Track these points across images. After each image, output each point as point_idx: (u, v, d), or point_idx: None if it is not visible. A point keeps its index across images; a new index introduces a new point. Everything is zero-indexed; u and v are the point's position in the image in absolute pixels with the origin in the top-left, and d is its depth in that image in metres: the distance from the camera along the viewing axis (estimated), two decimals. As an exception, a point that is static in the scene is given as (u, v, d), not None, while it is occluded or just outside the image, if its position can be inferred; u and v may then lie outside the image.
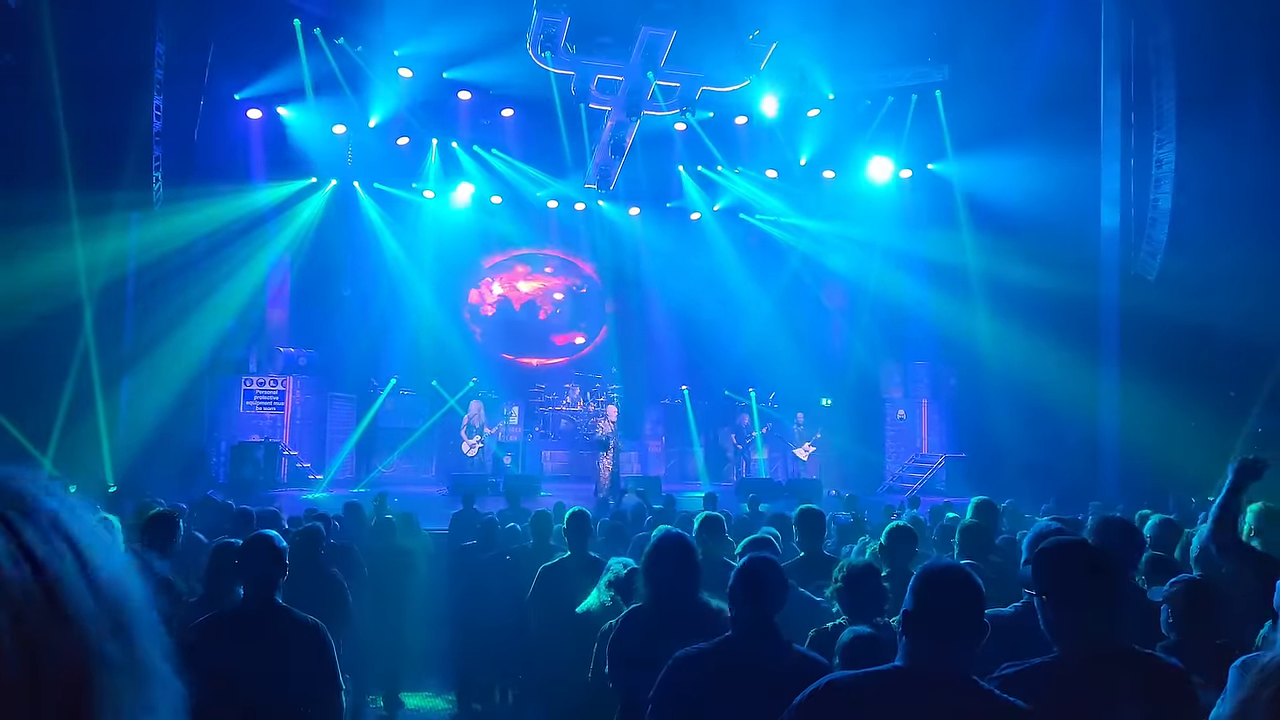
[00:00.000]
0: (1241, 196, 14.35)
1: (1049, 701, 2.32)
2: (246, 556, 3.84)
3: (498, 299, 22.85)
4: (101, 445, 13.39)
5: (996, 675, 2.40)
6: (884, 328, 20.59)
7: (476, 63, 17.92)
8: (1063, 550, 2.62)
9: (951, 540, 5.55)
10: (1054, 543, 2.69)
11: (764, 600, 3.06)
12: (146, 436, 13.79)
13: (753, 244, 22.10)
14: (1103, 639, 2.48)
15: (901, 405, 20.32)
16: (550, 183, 20.78)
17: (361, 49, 17.61)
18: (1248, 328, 13.45)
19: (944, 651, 2.23)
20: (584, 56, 17.64)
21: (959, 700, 2.20)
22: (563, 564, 5.73)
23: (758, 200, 21.58)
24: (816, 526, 5.57)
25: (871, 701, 2.24)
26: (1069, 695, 2.38)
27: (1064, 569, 2.52)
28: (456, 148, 19.98)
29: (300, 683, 3.60)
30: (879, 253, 20.19)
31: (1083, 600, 2.47)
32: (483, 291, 22.78)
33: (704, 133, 19.70)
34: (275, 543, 3.83)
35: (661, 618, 3.58)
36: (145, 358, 14.38)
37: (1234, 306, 13.35)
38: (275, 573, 3.78)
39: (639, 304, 22.49)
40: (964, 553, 5.01)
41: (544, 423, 20.88)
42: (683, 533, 4.06)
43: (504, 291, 22.88)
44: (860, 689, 2.27)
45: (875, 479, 19.60)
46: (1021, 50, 16.17)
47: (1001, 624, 3.21)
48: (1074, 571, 2.52)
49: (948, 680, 2.21)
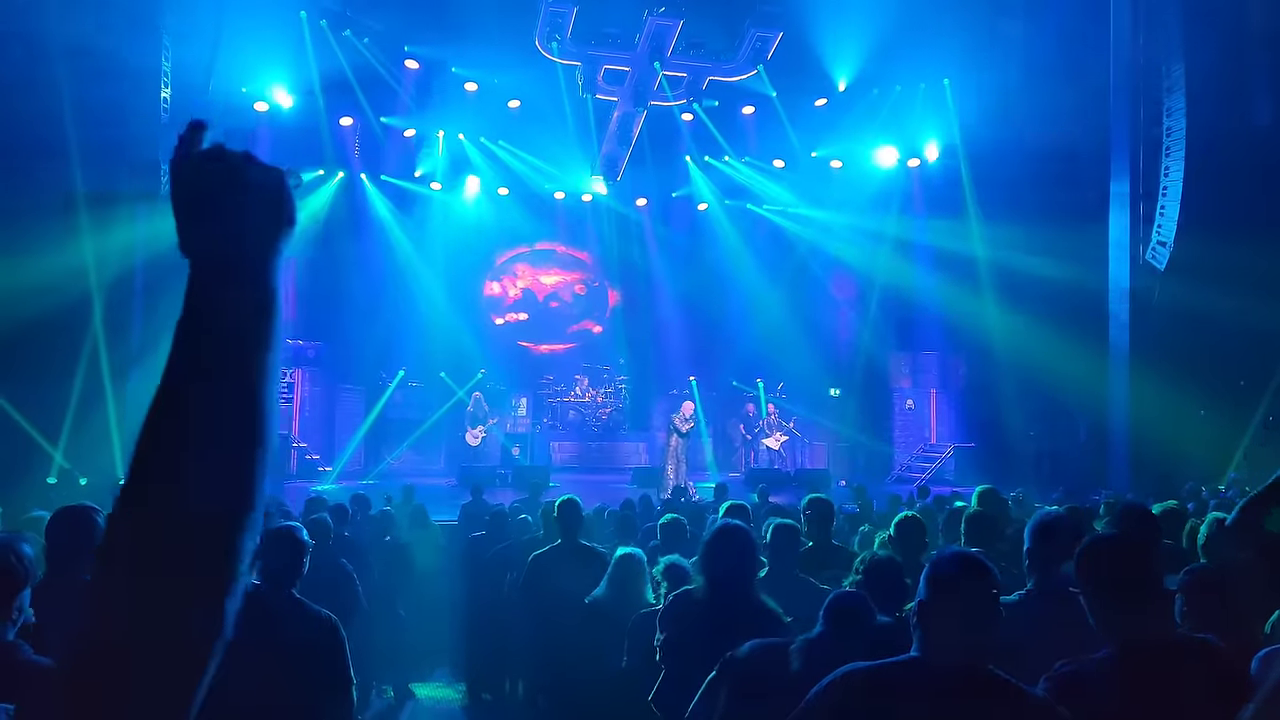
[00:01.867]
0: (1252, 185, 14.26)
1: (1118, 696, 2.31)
2: (267, 548, 3.82)
3: (522, 291, 22.90)
4: (112, 438, 13.43)
5: (1054, 673, 2.38)
6: (892, 318, 20.56)
7: (483, 54, 17.89)
8: (1104, 546, 2.60)
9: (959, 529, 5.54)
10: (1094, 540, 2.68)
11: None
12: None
13: (760, 234, 22.03)
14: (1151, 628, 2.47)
15: (910, 395, 20.28)
16: (557, 174, 20.76)
17: (368, 41, 17.59)
18: (1257, 317, 13.38)
19: (961, 643, 2.21)
20: (590, 47, 17.60)
21: (982, 693, 2.18)
22: (553, 551, 5.74)
23: (765, 190, 21.51)
24: (825, 516, 5.56)
25: (892, 692, 2.22)
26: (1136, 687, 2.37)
27: (1106, 565, 2.51)
28: (463, 140, 19.97)
29: (312, 676, 3.59)
30: (887, 242, 20.12)
31: (1126, 594, 2.46)
32: (504, 284, 22.80)
33: (711, 123, 19.64)
34: (298, 535, 3.82)
35: (717, 606, 3.57)
36: (154, 350, 14.40)
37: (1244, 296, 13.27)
38: (295, 566, 3.77)
39: (646, 295, 22.46)
40: (970, 541, 5.00)
41: (552, 414, 20.90)
42: (743, 525, 4.04)
43: (528, 284, 22.92)
44: (879, 679, 2.25)
45: (884, 469, 19.58)
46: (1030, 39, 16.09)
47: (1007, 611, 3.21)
48: (1118, 566, 2.51)
49: (969, 672, 2.19)
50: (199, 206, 0.93)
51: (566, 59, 17.57)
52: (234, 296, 0.90)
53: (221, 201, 0.92)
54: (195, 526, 0.83)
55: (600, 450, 20.25)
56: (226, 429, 0.86)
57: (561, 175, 20.81)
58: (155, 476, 0.84)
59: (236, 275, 0.91)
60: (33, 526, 4.41)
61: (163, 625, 0.81)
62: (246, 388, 0.88)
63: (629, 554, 4.77)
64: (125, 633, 0.80)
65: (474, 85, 18.98)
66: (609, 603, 4.63)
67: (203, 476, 0.84)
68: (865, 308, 20.91)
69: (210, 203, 0.93)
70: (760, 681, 2.99)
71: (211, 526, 0.84)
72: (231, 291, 0.91)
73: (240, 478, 0.86)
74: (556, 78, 18.31)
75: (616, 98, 18.67)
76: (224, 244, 0.91)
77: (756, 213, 21.94)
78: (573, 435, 20.50)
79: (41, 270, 12.01)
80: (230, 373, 0.88)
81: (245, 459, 0.86)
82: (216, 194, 0.93)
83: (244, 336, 0.89)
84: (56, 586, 3.21)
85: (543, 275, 23.13)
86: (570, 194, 21.76)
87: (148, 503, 0.84)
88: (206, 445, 0.85)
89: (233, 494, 0.85)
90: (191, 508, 0.83)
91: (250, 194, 0.93)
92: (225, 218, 0.92)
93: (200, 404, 0.86)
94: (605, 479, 17.12)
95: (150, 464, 0.84)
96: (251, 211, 0.93)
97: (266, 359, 0.89)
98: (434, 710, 7.91)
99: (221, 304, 0.90)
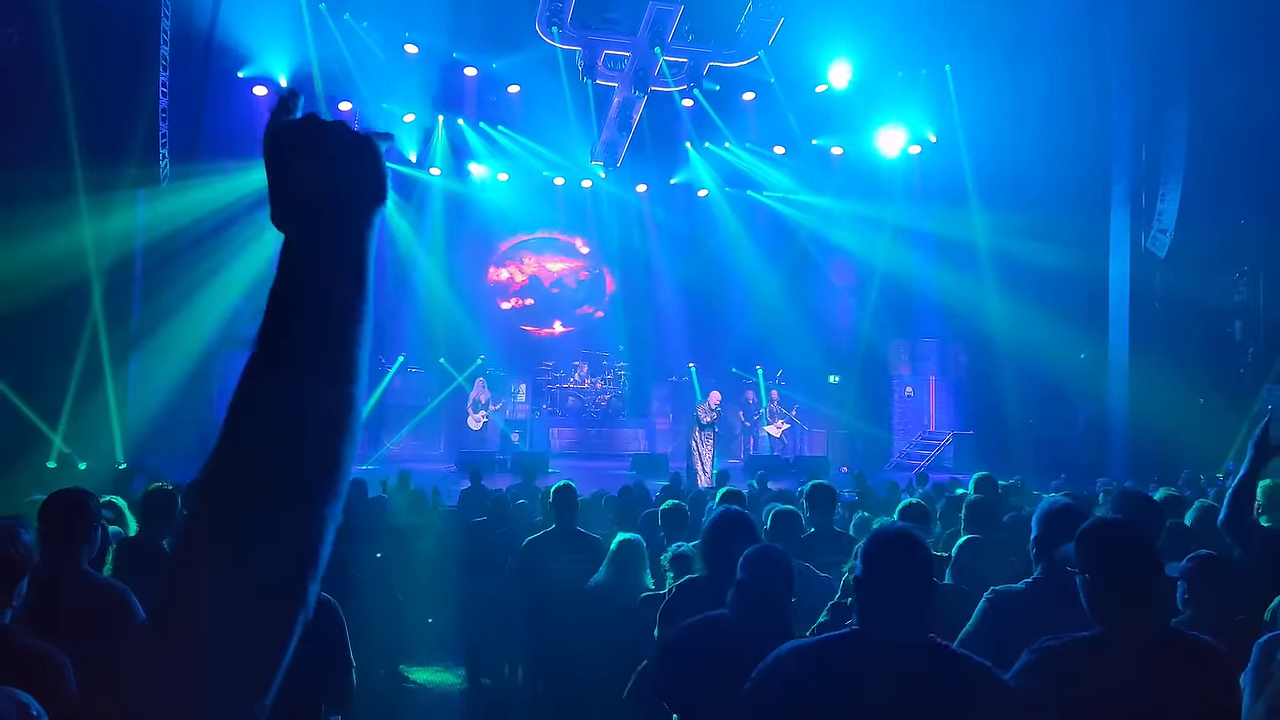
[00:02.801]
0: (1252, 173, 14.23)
1: (1096, 678, 2.33)
2: None
3: (529, 277, 22.88)
4: (112, 422, 13.43)
5: (1038, 647, 2.41)
6: (892, 305, 20.55)
7: (483, 39, 17.81)
8: (1107, 530, 2.61)
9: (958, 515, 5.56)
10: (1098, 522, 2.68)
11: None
12: (156, 414, 13.83)
13: (760, 221, 21.99)
14: (1145, 617, 2.48)
15: (909, 382, 20.29)
16: (557, 160, 20.70)
17: (367, 25, 17.50)
18: (1257, 304, 13.38)
19: (894, 614, 2.28)
20: (591, 32, 17.51)
21: (919, 661, 2.23)
22: (547, 536, 5.75)
23: (766, 176, 21.46)
24: (827, 501, 5.57)
25: (831, 665, 2.28)
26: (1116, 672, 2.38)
27: (1107, 549, 2.52)
28: (463, 125, 19.90)
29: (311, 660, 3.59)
30: (888, 229, 20.11)
31: (1127, 579, 2.47)
32: (511, 270, 22.77)
33: (712, 108, 19.57)
34: None
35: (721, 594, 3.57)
36: (154, 335, 14.40)
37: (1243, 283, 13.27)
38: None
39: (646, 281, 22.43)
40: (968, 527, 5.02)
41: (551, 400, 20.91)
42: (745, 511, 4.04)
43: (535, 270, 22.90)
44: (820, 653, 2.32)
45: (883, 456, 19.61)
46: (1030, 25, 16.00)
47: (1013, 599, 3.21)
48: (1119, 551, 2.51)
49: (905, 643, 2.25)
50: (293, 175, 0.92)
51: (567, 44, 17.48)
52: (328, 268, 0.90)
53: (315, 170, 0.92)
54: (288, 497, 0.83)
55: (599, 436, 20.26)
56: (317, 403, 0.87)
57: (561, 161, 20.75)
58: (248, 448, 0.84)
59: (331, 246, 0.91)
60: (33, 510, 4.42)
61: (254, 601, 0.81)
62: (341, 359, 0.89)
63: (629, 539, 4.79)
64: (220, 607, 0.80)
65: (474, 70, 18.90)
66: (608, 588, 4.64)
67: (291, 454, 0.84)
68: (865, 295, 20.90)
69: (305, 171, 0.92)
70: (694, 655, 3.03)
71: (302, 497, 0.84)
72: (326, 262, 0.90)
73: (327, 457, 0.85)
74: (557, 63, 18.22)
75: (616, 83, 18.59)
76: (318, 214, 0.91)
77: (757, 199, 21.90)
78: (572, 421, 20.50)
79: (40, 254, 11.97)
80: (325, 344, 0.88)
81: (334, 435, 0.86)
82: (311, 162, 0.92)
83: (337, 309, 0.90)
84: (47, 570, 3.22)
85: (549, 262, 23.11)
86: (570, 180, 21.71)
87: (245, 473, 0.83)
88: (296, 417, 0.85)
89: (321, 468, 0.85)
90: (286, 481, 0.83)
91: (343, 163, 0.92)
92: (319, 187, 0.91)
93: (293, 377, 0.86)
94: (604, 465, 17.13)
95: (244, 432, 0.84)
96: (345, 181, 0.92)
97: (359, 331, 0.91)
98: (433, 694, 7.94)
99: (316, 275, 0.89)
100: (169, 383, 14.28)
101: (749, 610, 3.02)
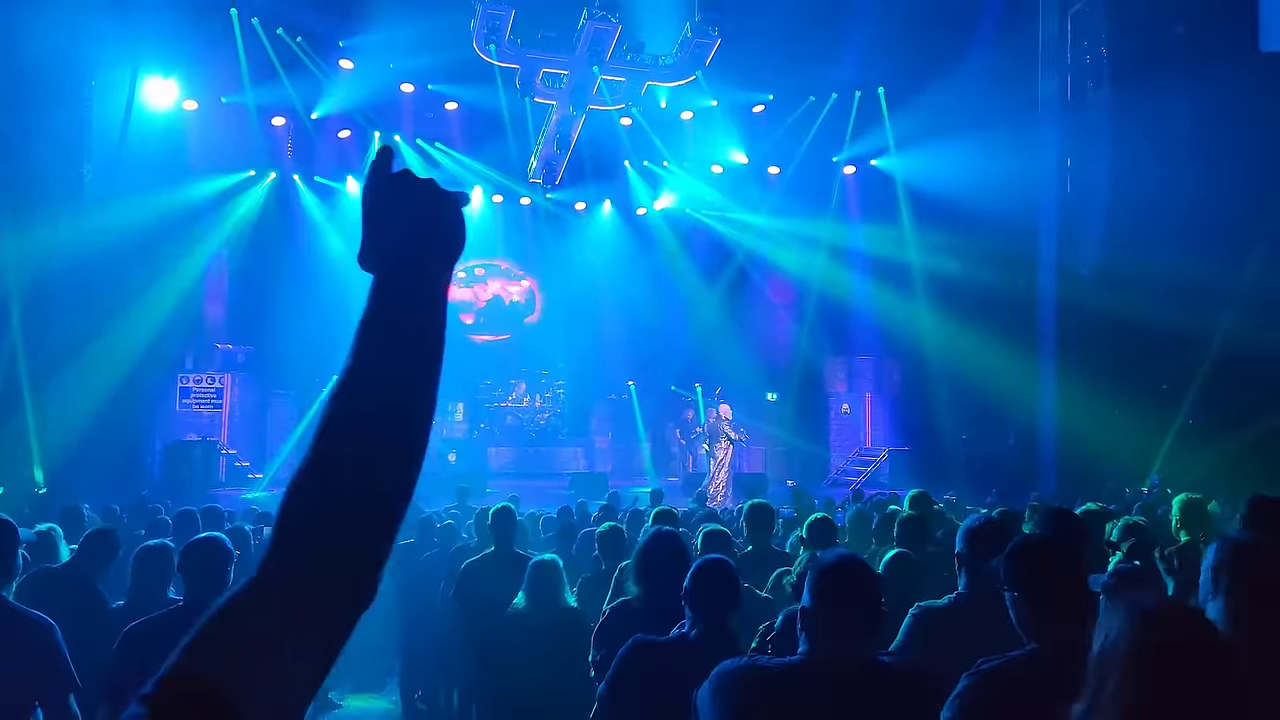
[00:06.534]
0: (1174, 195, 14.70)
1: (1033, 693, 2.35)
2: (192, 558, 3.71)
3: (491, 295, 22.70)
4: (30, 445, 12.99)
5: (976, 670, 2.43)
6: (828, 323, 20.80)
7: (420, 55, 17.68)
8: (1034, 548, 2.66)
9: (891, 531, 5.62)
10: (1025, 540, 2.73)
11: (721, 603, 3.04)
12: (78, 436, 13.40)
13: (698, 239, 22.15)
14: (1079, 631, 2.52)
15: (846, 399, 20.54)
16: (496, 177, 20.62)
17: (301, 39, 17.28)
18: (1180, 322, 13.79)
19: (848, 646, 2.29)
20: (528, 50, 17.49)
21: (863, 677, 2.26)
22: (486, 559, 5.67)
23: (703, 195, 21.62)
24: (765, 521, 5.57)
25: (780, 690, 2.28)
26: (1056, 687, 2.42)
27: (1036, 566, 2.56)
28: (400, 141, 19.72)
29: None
30: (823, 248, 20.37)
31: (1055, 596, 2.51)
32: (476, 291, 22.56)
33: (650, 128, 19.68)
34: (224, 544, 3.74)
35: (653, 615, 3.54)
36: (76, 355, 13.96)
37: (1167, 302, 13.68)
38: (222, 575, 3.67)
39: (584, 299, 22.39)
40: (902, 543, 5.06)
41: (489, 419, 20.72)
42: (676, 532, 4.02)
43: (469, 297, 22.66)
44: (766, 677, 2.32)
45: (820, 472, 19.79)
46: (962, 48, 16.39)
47: (938, 616, 3.24)
48: (1046, 568, 2.56)
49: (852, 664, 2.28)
50: (387, 224, 1.03)
51: (504, 62, 17.44)
52: (412, 309, 1.00)
53: (407, 221, 1.03)
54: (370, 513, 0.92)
55: (538, 456, 20.14)
56: (397, 428, 0.95)
57: (499, 179, 20.67)
58: (337, 468, 0.91)
59: (415, 289, 1.00)
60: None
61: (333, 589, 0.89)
62: (417, 391, 0.98)
63: (542, 560, 4.74)
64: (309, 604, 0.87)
65: (410, 86, 18.76)
66: (527, 612, 4.60)
67: (375, 469, 0.92)
68: (802, 313, 21.13)
69: (397, 222, 1.03)
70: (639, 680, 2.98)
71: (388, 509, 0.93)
72: (411, 304, 1.00)
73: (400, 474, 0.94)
74: (494, 80, 18.17)
75: (555, 101, 18.59)
76: (405, 260, 1.01)
77: (695, 217, 22.05)
78: (510, 441, 20.35)
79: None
80: (404, 379, 0.98)
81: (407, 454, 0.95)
82: (403, 214, 1.03)
83: (418, 348, 0.99)
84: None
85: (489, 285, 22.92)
86: (508, 197, 21.63)
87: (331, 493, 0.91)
88: (379, 435, 0.94)
89: (397, 488, 0.94)
90: (378, 491, 0.92)
91: (431, 216, 1.04)
92: (409, 237, 1.02)
93: (380, 404, 0.95)
94: (543, 485, 17.01)
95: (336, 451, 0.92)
96: (431, 232, 1.03)
97: (435, 368, 1.00)
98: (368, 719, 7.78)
99: (399, 316, 0.99)
100: (92, 404, 13.85)
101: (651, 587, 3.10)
